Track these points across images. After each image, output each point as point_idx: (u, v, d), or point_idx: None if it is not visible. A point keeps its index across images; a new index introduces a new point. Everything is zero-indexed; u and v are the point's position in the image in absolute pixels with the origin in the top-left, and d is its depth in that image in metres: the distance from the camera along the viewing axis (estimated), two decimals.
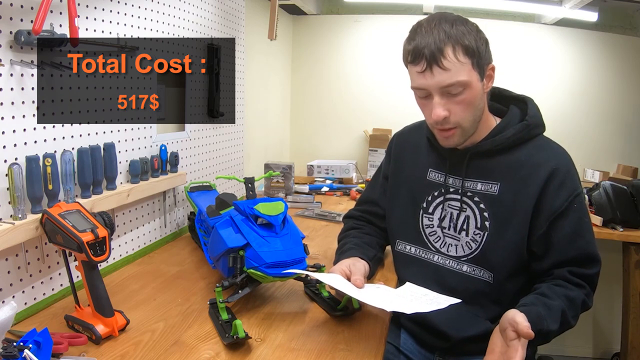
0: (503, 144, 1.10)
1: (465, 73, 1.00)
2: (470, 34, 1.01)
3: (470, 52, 1.00)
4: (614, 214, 1.97)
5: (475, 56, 1.01)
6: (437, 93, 1.02)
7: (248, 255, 1.03)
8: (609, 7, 2.69)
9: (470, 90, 1.02)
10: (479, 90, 1.04)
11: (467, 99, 1.03)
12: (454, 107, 1.03)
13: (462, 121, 1.05)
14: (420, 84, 1.03)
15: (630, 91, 2.74)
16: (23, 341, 0.72)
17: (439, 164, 1.19)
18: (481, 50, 1.02)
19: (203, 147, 1.75)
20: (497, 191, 1.10)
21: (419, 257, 1.19)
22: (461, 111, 1.04)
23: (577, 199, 1.07)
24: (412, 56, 1.03)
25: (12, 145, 0.97)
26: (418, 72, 1.02)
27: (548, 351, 2.62)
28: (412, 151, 1.26)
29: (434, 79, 1.00)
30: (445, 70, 0.99)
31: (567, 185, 1.06)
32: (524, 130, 1.10)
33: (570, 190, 1.06)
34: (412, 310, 0.93)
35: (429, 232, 1.18)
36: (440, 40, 0.98)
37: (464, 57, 0.99)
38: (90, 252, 0.90)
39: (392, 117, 2.85)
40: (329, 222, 1.85)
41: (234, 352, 0.90)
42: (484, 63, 1.04)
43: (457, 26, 1.00)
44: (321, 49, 2.97)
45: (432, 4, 2.71)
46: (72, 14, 0.97)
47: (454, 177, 1.16)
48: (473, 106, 1.04)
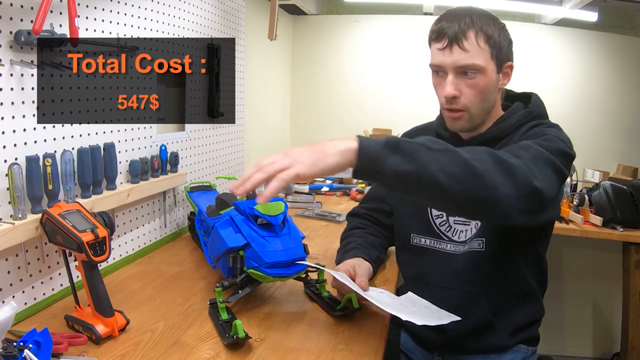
0: (506, 130, 1.11)
1: (483, 59, 1.03)
2: (495, 27, 1.05)
3: (491, 42, 1.03)
4: (614, 214, 1.97)
5: (496, 47, 1.04)
6: (452, 72, 1.05)
7: (248, 255, 1.03)
8: (609, 7, 2.69)
9: (484, 77, 1.04)
10: (492, 80, 1.06)
11: (480, 85, 1.05)
12: (466, 90, 1.05)
13: (471, 106, 1.07)
14: (439, 60, 1.06)
15: (630, 91, 2.74)
16: (23, 341, 0.72)
17: None
18: (502, 45, 1.06)
19: (203, 147, 1.75)
20: None
21: (434, 248, 1.19)
22: (472, 95, 1.06)
23: (533, 129, 1.05)
24: (436, 34, 1.06)
25: (12, 145, 0.97)
26: (438, 48, 1.05)
27: (547, 351, 2.63)
28: None
29: (452, 57, 1.04)
30: (464, 51, 1.02)
31: (539, 130, 1.06)
32: (527, 117, 1.11)
33: (542, 131, 1.04)
34: (421, 322, 0.93)
35: (439, 222, 1.18)
36: (465, 24, 1.02)
37: (485, 44, 1.03)
38: (90, 252, 0.90)
39: (392, 117, 2.85)
40: (329, 222, 1.85)
41: (234, 352, 0.90)
42: (503, 58, 1.07)
43: (484, 18, 1.05)
44: (321, 49, 2.97)
45: (432, 4, 2.71)
46: (72, 14, 0.97)
47: None
48: (484, 94, 1.06)
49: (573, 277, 2.68)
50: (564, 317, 2.71)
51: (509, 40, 1.08)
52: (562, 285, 2.70)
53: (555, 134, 1.04)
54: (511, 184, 0.83)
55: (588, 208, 2.08)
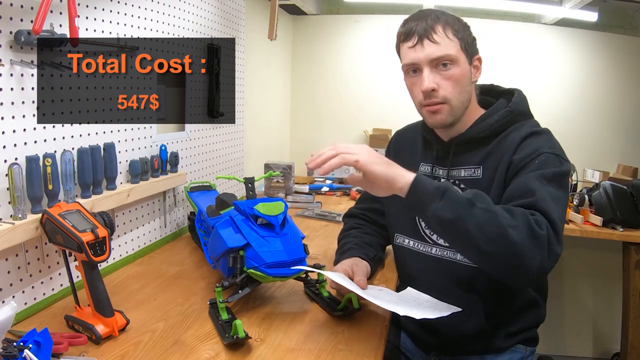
0: (486, 131, 1.11)
1: (455, 49, 1.06)
2: (459, 24, 1.08)
3: (458, 35, 1.07)
4: (614, 214, 1.97)
5: (463, 41, 1.07)
6: (427, 66, 1.06)
7: (248, 255, 1.03)
8: (609, 7, 2.69)
9: (458, 67, 1.06)
10: (466, 71, 1.08)
11: (455, 75, 1.06)
12: (443, 82, 1.07)
13: (451, 97, 1.07)
14: (411, 58, 1.07)
15: (630, 91, 2.74)
16: (23, 341, 0.72)
17: (427, 157, 1.21)
18: (469, 40, 1.09)
19: (203, 147, 1.75)
20: (481, 174, 1.10)
21: (417, 250, 1.19)
22: (450, 86, 1.07)
23: (540, 157, 1.03)
24: (404, 35, 1.09)
25: (12, 145, 0.97)
26: (409, 47, 1.07)
27: (547, 351, 2.63)
28: (409, 149, 1.28)
29: (424, 52, 1.05)
30: (435, 44, 1.05)
31: (532, 145, 1.05)
32: (507, 116, 1.11)
33: (535, 148, 1.04)
34: (420, 316, 0.93)
35: (425, 224, 1.18)
36: (431, 20, 1.06)
37: (453, 37, 1.06)
38: (90, 252, 0.90)
39: (392, 117, 2.84)
40: (329, 222, 1.85)
41: (234, 352, 0.90)
42: (472, 51, 1.10)
43: (448, 16, 1.08)
44: (321, 49, 2.97)
45: (432, 4, 2.71)
46: (72, 14, 0.97)
47: (440, 167, 1.17)
48: (461, 84, 1.08)
49: (573, 277, 2.68)
50: (564, 317, 2.71)
51: (472, 37, 1.11)
52: (562, 285, 2.70)
53: (549, 147, 1.04)
54: (540, 257, 0.88)
55: (588, 208, 2.08)
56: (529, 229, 0.87)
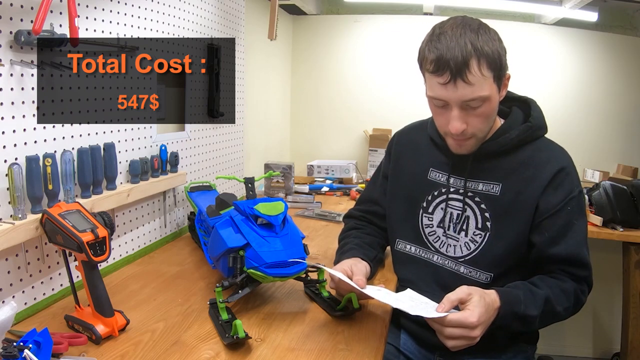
0: (507, 145, 1.10)
1: (487, 87, 0.99)
2: (493, 44, 0.99)
3: (493, 65, 0.98)
4: (614, 214, 1.97)
5: (497, 69, 1.00)
6: (457, 106, 1.01)
7: (248, 255, 1.03)
8: (609, 7, 2.69)
9: (489, 104, 1.02)
10: (496, 102, 1.05)
11: (486, 112, 1.03)
12: (473, 120, 1.03)
13: (478, 132, 1.07)
14: (441, 95, 1.01)
15: (630, 91, 2.74)
16: (23, 341, 0.72)
17: (441, 164, 1.19)
18: (503, 61, 1.01)
19: (203, 147, 1.75)
20: (499, 192, 1.10)
21: (418, 256, 1.19)
22: (479, 123, 1.04)
23: (572, 202, 1.07)
24: (435, 66, 0.99)
25: (12, 145, 0.97)
26: (440, 83, 0.99)
27: (548, 351, 2.62)
28: (413, 150, 1.26)
29: (457, 93, 0.98)
30: (469, 85, 0.97)
31: (564, 187, 1.07)
32: (528, 131, 1.11)
33: (567, 191, 1.07)
34: (415, 313, 0.94)
35: (429, 232, 1.18)
36: (467, 53, 0.95)
37: (488, 71, 0.98)
38: (90, 252, 0.90)
39: (392, 117, 2.85)
40: (329, 222, 1.85)
41: (234, 352, 0.90)
42: (502, 74, 1.03)
43: (481, 35, 0.98)
44: (321, 49, 2.97)
45: (432, 4, 2.71)
46: (72, 14, 0.97)
47: (456, 177, 1.16)
48: (490, 118, 1.06)
49: None
50: None
51: (504, 50, 1.03)
52: None
53: (576, 186, 1.10)
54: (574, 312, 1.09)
55: (588, 208, 2.08)
56: (577, 305, 1.07)
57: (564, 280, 1.06)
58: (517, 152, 1.11)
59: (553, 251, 1.06)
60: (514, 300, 0.97)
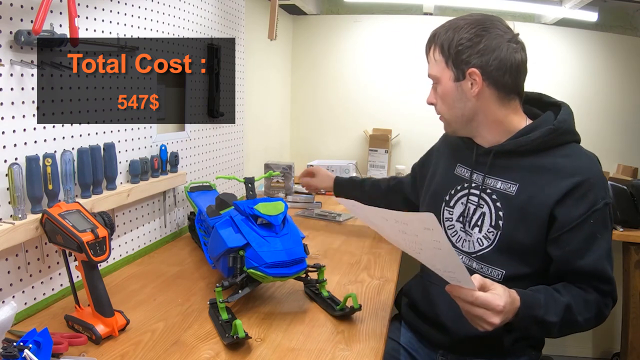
0: (526, 145, 1.09)
1: (437, 69, 1.12)
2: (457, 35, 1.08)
3: (444, 52, 1.10)
4: (614, 214, 1.97)
5: (447, 57, 1.10)
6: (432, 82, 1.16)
7: (248, 255, 1.03)
8: (609, 7, 2.69)
9: (441, 86, 1.13)
10: (450, 88, 1.11)
11: (440, 93, 1.14)
12: (437, 99, 1.16)
13: (442, 112, 1.17)
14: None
15: (630, 91, 2.73)
16: (23, 341, 0.72)
17: (466, 159, 1.20)
18: (461, 52, 1.07)
19: (203, 147, 1.75)
20: (515, 192, 1.09)
21: None
22: (440, 103, 1.16)
23: (595, 214, 1.03)
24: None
25: (12, 145, 0.97)
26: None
27: (548, 351, 2.62)
28: (451, 148, 1.29)
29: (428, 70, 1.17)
30: (429, 63, 1.16)
31: (587, 199, 1.03)
32: (550, 134, 1.08)
33: (591, 204, 1.03)
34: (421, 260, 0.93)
35: (448, 225, 1.19)
36: (430, 39, 1.15)
37: (439, 55, 1.12)
38: (90, 252, 0.90)
39: (392, 118, 2.85)
40: (329, 222, 1.85)
41: (234, 352, 0.90)
42: (459, 65, 1.08)
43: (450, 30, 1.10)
44: (321, 49, 2.96)
45: (432, 4, 2.71)
46: (72, 14, 0.97)
47: (478, 173, 1.16)
48: (447, 102, 1.13)
49: None
50: None
51: (465, 51, 1.06)
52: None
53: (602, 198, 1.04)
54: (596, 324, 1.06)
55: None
56: (598, 317, 1.03)
57: (589, 291, 1.03)
58: (540, 154, 1.09)
59: (574, 266, 1.03)
60: (535, 303, 0.95)
